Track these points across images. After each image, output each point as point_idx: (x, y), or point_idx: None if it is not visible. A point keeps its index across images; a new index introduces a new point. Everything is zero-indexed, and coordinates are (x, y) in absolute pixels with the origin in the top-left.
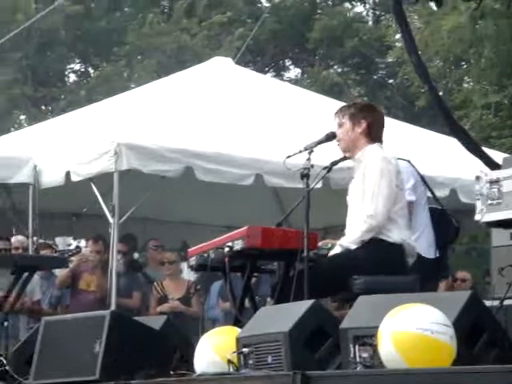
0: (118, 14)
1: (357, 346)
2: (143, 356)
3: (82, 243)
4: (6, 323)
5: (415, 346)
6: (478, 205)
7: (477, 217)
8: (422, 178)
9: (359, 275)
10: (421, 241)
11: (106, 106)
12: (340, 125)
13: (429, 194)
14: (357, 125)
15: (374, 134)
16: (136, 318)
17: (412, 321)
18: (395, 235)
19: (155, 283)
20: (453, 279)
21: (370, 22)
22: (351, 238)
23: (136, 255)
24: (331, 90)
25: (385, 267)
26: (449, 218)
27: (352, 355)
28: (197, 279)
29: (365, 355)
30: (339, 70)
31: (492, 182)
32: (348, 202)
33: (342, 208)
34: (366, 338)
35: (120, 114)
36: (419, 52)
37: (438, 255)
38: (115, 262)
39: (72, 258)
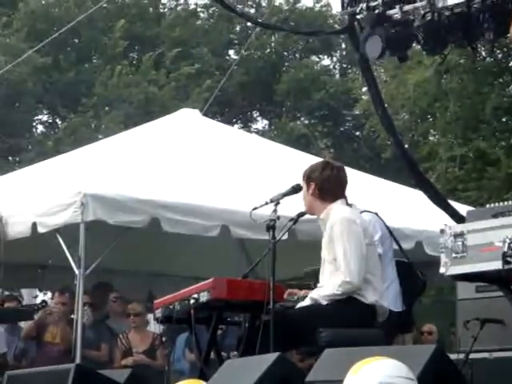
0: (86, 66)
1: None
2: None
3: (49, 295)
4: None
5: None
6: (443, 258)
7: (441, 270)
8: (389, 230)
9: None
10: (388, 293)
11: (73, 156)
12: (303, 187)
13: (395, 247)
14: (309, 187)
15: (326, 194)
16: (101, 372)
17: (376, 375)
18: (370, 296)
19: (120, 335)
20: (419, 332)
21: (337, 75)
22: (324, 293)
23: None
24: (298, 141)
25: (354, 326)
26: (415, 270)
27: None
28: (163, 331)
29: None
30: (306, 122)
31: (456, 236)
32: (321, 256)
33: (308, 259)
34: None
35: (87, 164)
36: (385, 105)
37: (403, 308)
38: (81, 313)
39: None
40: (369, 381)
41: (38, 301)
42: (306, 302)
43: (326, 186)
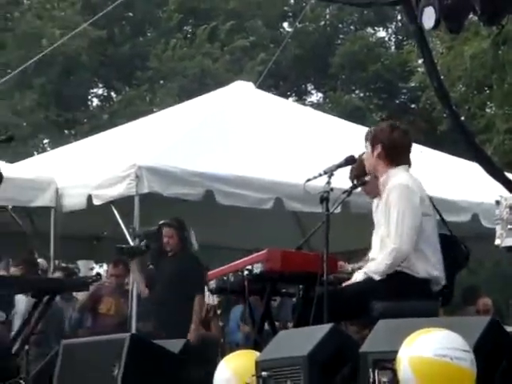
0: (141, 39)
1: (376, 370)
2: (162, 379)
3: (104, 267)
4: (26, 347)
5: (435, 373)
6: (498, 229)
7: (497, 241)
8: (432, 202)
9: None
10: None
11: (128, 129)
12: (366, 149)
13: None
14: (374, 148)
15: (392, 157)
16: (155, 342)
17: (431, 346)
18: (421, 270)
19: None
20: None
21: (393, 47)
22: (376, 267)
23: None
24: (353, 114)
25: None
26: (457, 243)
27: (372, 379)
28: (218, 302)
29: (385, 379)
30: (361, 95)
31: None
32: (374, 220)
33: (362, 232)
34: (386, 362)
35: (141, 137)
36: (441, 77)
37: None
38: (136, 285)
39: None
40: (424, 351)
41: (94, 273)
42: (360, 276)
43: (394, 148)
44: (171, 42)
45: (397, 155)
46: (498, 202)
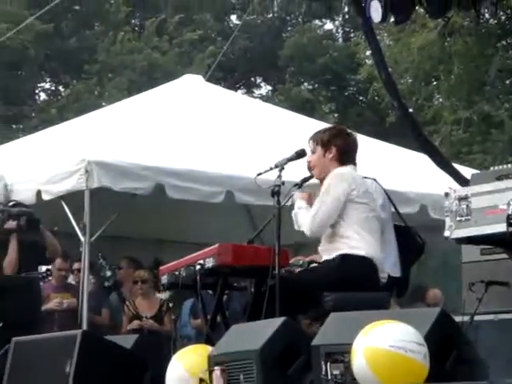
0: (88, 33)
1: (328, 363)
2: (114, 375)
3: None
4: None
5: (389, 364)
6: (447, 221)
7: (446, 233)
8: (387, 194)
9: (330, 291)
10: (388, 258)
11: (77, 123)
12: (313, 151)
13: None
14: (328, 151)
15: (345, 159)
16: (107, 337)
17: (386, 338)
18: (363, 249)
19: (127, 302)
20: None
21: (340, 40)
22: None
23: (108, 273)
24: (303, 106)
25: (356, 280)
26: (413, 235)
27: (324, 372)
28: (169, 297)
29: (336, 372)
30: (310, 87)
31: (461, 199)
32: None
33: None
34: (338, 354)
35: (91, 131)
36: (389, 69)
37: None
38: (86, 280)
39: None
40: (380, 342)
41: (43, 269)
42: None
43: (347, 150)
44: (119, 35)
45: (347, 157)
46: (446, 194)
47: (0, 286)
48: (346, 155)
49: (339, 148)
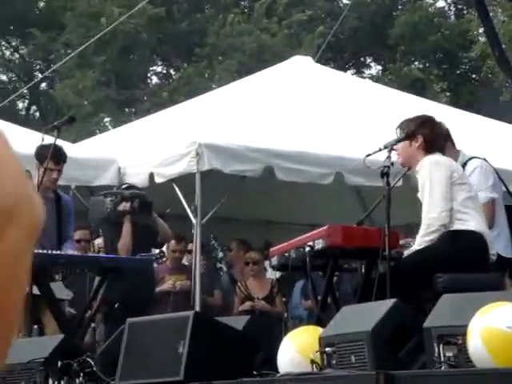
0: (198, 16)
1: (441, 345)
2: (226, 356)
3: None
4: (93, 324)
5: (505, 345)
6: None
7: None
8: (498, 174)
9: (442, 271)
10: (500, 239)
11: (188, 107)
12: (398, 136)
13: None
14: (414, 140)
15: (432, 148)
16: (219, 319)
17: (503, 319)
18: (472, 224)
19: (239, 283)
20: None
21: (453, 17)
22: (420, 234)
23: (220, 254)
24: (413, 86)
25: (468, 257)
26: None
27: (436, 354)
28: (279, 278)
29: (449, 354)
30: (421, 66)
31: None
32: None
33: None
34: (450, 336)
35: (201, 114)
36: (503, 46)
37: None
38: (198, 261)
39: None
40: (498, 323)
41: (157, 251)
42: (415, 247)
43: (433, 139)
44: (229, 17)
45: (434, 146)
46: None
47: (116, 268)
48: (433, 144)
49: (426, 137)
